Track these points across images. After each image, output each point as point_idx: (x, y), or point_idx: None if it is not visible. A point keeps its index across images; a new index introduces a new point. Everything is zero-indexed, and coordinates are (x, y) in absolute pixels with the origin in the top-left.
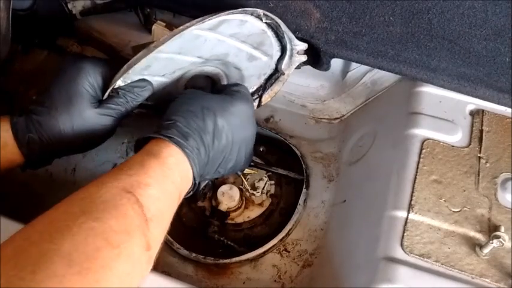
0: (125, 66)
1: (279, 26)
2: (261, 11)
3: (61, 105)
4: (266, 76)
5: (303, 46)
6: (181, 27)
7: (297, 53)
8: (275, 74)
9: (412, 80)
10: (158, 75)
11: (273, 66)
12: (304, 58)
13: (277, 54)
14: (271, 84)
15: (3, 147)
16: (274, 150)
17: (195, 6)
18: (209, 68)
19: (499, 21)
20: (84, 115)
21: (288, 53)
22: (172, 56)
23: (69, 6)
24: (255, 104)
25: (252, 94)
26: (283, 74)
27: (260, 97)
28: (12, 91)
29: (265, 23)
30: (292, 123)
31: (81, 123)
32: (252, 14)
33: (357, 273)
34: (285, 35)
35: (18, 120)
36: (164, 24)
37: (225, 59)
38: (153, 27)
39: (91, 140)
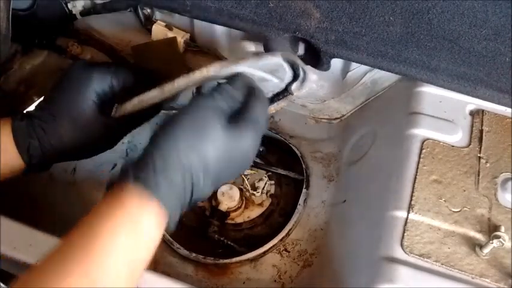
0: (136, 101)
1: (295, 61)
2: (281, 56)
3: (66, 114)
4: (274, 93)
5: (315, 78)
6: (197, 74)
7: (310, 81)
8: (283, 93)
9: (412, 80)
10: None
11: (283, 86)
12: (314, 85)
13: (289, 78)
14: (278, 100)
15: (3, 151)
16: (274, 150)
17: (195, 6)
18: None
19: (499, 21)
20: (89, 126)
21: (300, 79)
22: None
23: (69, 6)
24: None
25: None
26: (292, 94)
27: None
28: (12, 91)
29: (283, 59)
30: (292, 123)
31: (85, 134)
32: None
33: (357, 273)
34: (300, 68)
35: (20, 125)
36: (164, 24)
37: None
38: (153, 27)
39: (93, 149)
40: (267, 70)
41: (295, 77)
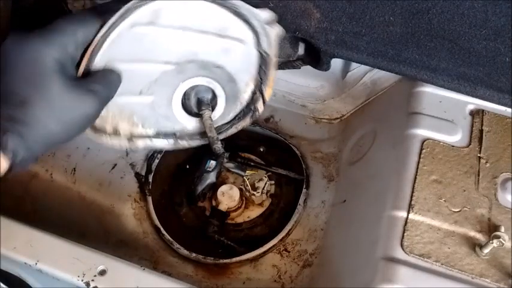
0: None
1: (228, 3)
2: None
3: (33, 96)
4: (255, 66)
5: (267, 14)
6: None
7: (268, 24)
8: (263, 60)
9: (412, 80)
10: (134, 93)
11: (255, 53)
12: (278, 28)
13: (250, 37)
14: (265, 73)
15: None
16: (274, 150)
17: None
18: (195, 80)
19: (499, 21)
20: (62, 97)
21: (258, 29)
22: (128, 66)
23: (69, 6)
24: (260, 108)
25: (255, 92)
26: (269, 56)
27: (262, 93)
28: None
29: (214, 2)
30: (292, 123)
31: (62, 109)
32: None
33: (357, 273)
34: (242, 11)
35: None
36: None
37: (196, 58)
38: None
39: (74, 130)
40: (215, 30)
41: (256, 35)
